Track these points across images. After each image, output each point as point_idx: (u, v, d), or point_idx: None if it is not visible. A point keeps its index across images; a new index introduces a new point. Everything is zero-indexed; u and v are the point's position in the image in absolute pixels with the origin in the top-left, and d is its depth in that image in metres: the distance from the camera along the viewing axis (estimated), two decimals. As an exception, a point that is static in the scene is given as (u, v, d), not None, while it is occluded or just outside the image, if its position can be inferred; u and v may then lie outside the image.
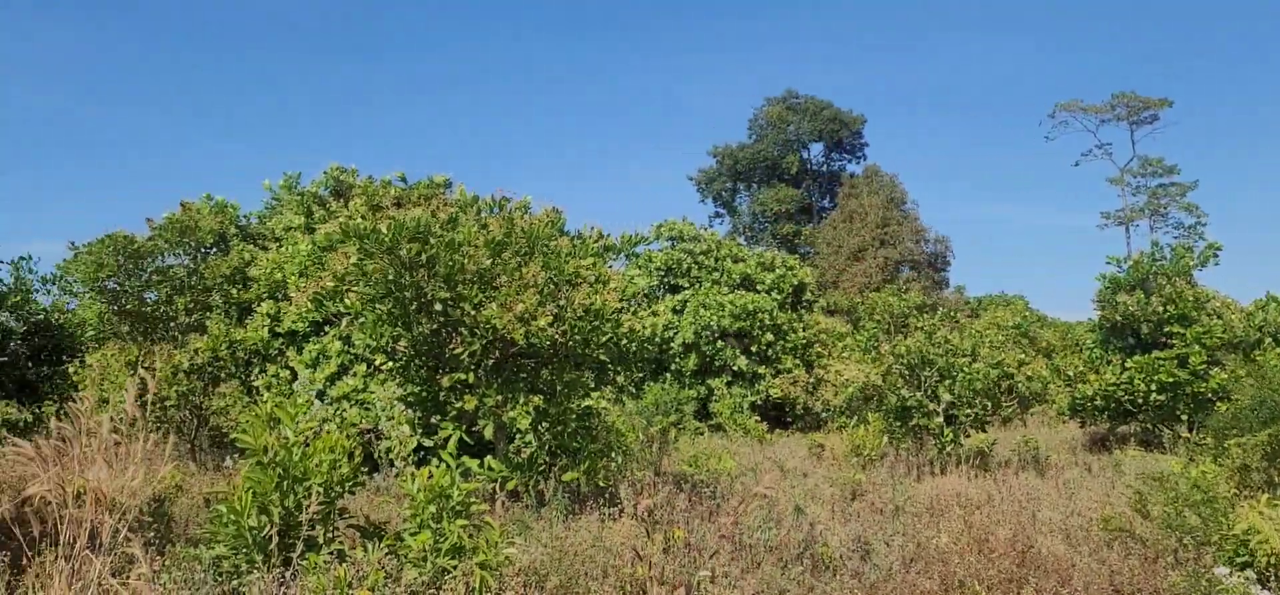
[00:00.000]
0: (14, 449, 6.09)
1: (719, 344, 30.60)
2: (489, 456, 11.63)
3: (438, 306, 11.74)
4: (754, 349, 30.87)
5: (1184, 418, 20.85)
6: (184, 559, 7.13)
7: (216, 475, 14.71)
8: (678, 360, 30.58)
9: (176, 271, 20.71)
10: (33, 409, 17.67)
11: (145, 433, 6.25)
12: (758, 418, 28.51)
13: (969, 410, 18.07)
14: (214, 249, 21.96)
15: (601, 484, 12.21)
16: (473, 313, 11.65)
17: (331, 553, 7.14)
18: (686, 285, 33.06)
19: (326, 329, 18.34)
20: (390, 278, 11.61)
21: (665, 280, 33.52)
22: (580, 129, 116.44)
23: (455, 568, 6.95)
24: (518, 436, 13.08)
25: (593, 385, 13.64)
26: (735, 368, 30.53)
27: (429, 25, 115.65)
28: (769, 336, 30.90)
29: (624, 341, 13.36)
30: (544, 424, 12.43)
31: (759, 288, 32.81)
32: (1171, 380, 20.78)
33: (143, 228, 20.44)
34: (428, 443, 14.70)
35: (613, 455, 12.80)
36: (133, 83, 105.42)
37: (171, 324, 20.08)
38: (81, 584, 5.78)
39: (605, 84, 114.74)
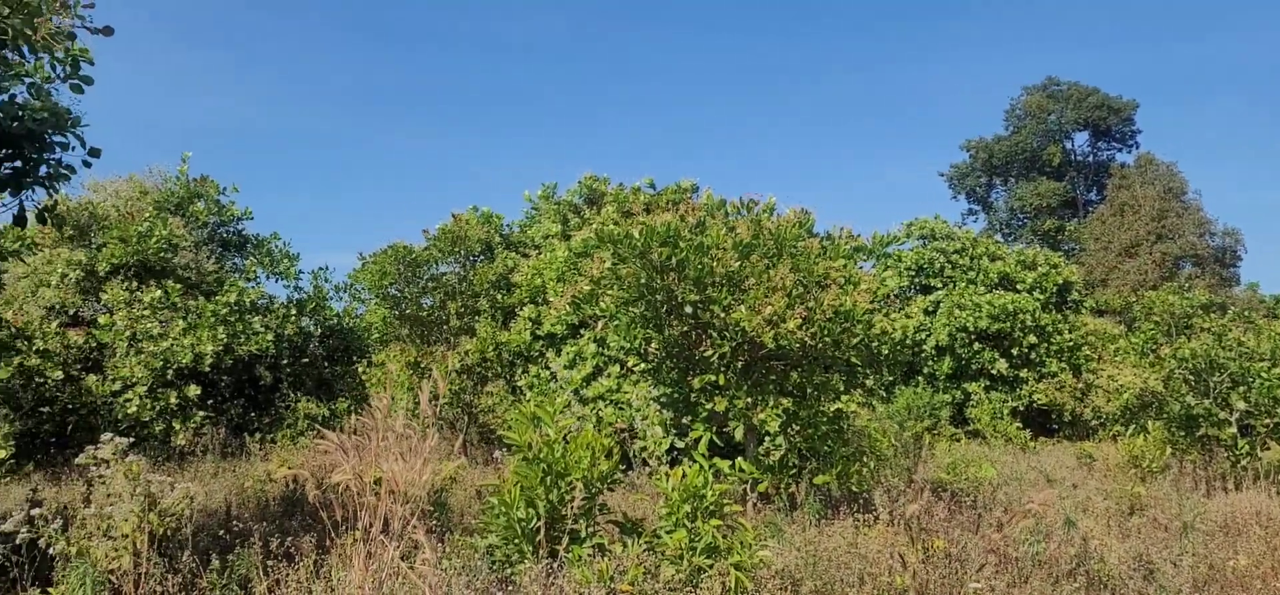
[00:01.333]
0: (320, 441, 6.83)
1: (976, 346, 29.18)
2: (739, 458, 11.71)
3: (687, 309, 11.96)
4: (1015, 352, 29.16)
5: None
6: (462, 547, 7.70)
7: (486, 469, 15.74)
8: (930, 363, 29.41)
9: (449, 278, 22.37)
10: (328, 405, 19.60)
11: (432, 429, 6.81)
12: (1020, 424, 26.93)
13: (1268, 420, 16.25)
14: (481, 257, 23.50)
15: (854, 489, 11.99)
16: (722, 315, 11.77)
17: (593, 546, 7.46)
18: (939, 285, 31.75)
19: (582, 332, 19.18)
20: (642, 281, 11.94)
21: (916, 280, 32.36)
22: (827, 128, 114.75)
23: (711, 567, 7.05)
24: (767, 439, 13.08)
25: (842, 388, 13.41)
26: (994, 372, 28.98)
27: (673, 33, 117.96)
28: (1031, 339, 29.09)
29: (875, 344, 13.05)
30: (794, 427, 12.35)
31: (1019, 287, 30.97)
32: None
33: (419, 239, 22.29)
34: (680, 443, 15.02)
35: (865, 460, 12.54)
36: (405, 104, 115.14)
37: (445, 327, 21.70)
38: (376, 566, 6.36)
39: (852, 82, 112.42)
